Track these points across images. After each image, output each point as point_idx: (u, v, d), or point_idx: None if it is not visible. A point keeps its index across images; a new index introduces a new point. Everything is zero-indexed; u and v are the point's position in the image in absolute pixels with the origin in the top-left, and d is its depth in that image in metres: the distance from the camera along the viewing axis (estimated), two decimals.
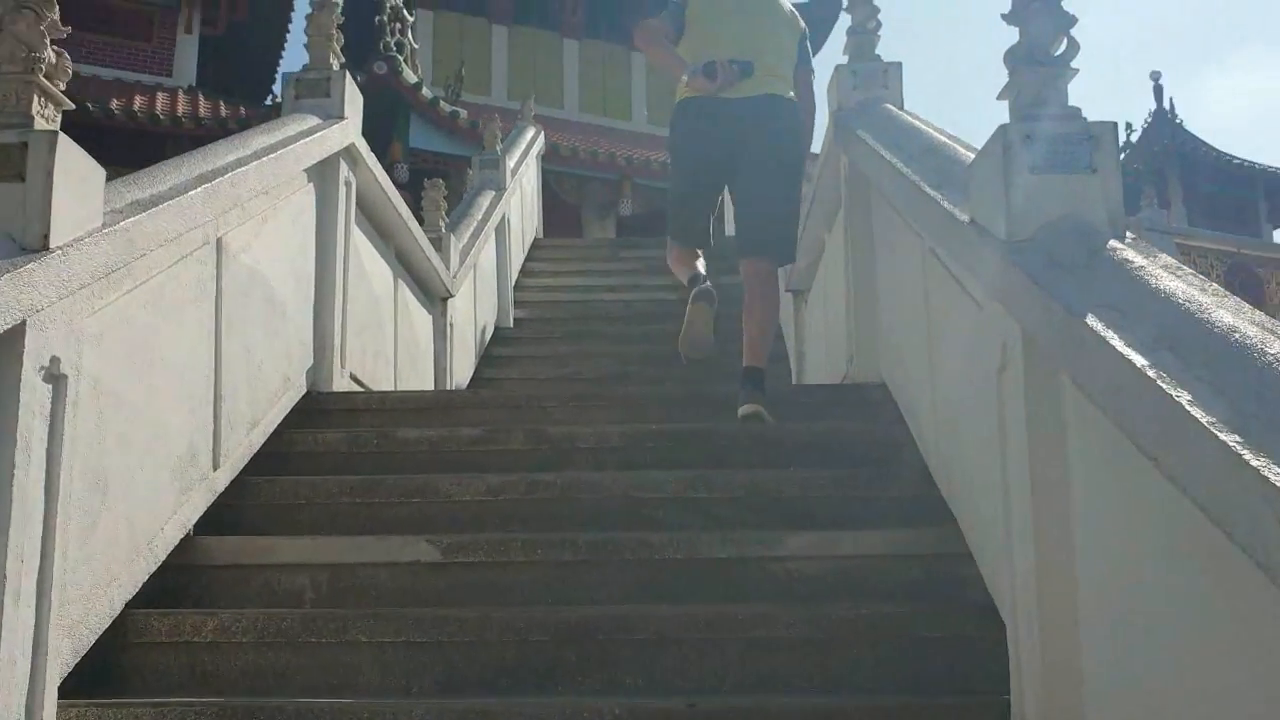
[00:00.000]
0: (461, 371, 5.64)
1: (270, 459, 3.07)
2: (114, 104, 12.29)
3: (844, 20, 4.07)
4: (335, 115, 3.69)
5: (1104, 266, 1.69)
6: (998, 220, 1.97)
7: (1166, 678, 1.42)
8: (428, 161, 13.17)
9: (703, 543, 2.60)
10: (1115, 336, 1.44)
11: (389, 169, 4.61)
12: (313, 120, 3.54)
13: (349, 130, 3.74)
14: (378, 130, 13.37)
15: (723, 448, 3.15)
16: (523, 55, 16.62)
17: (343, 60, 3.87)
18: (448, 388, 5.30)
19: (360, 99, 3.93)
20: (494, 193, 6.82)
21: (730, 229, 4.56)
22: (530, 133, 8.66)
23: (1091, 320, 1.51)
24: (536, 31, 16.77)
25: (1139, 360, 1.35)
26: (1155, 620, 1.45)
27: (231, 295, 2.90)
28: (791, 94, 3.66)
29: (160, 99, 13.03)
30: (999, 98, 2.10)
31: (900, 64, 3.70)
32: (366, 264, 4.18)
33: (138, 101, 12.71)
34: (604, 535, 2.66)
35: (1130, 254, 1.71)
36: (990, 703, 2.03)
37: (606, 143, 15.04)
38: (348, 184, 3.81)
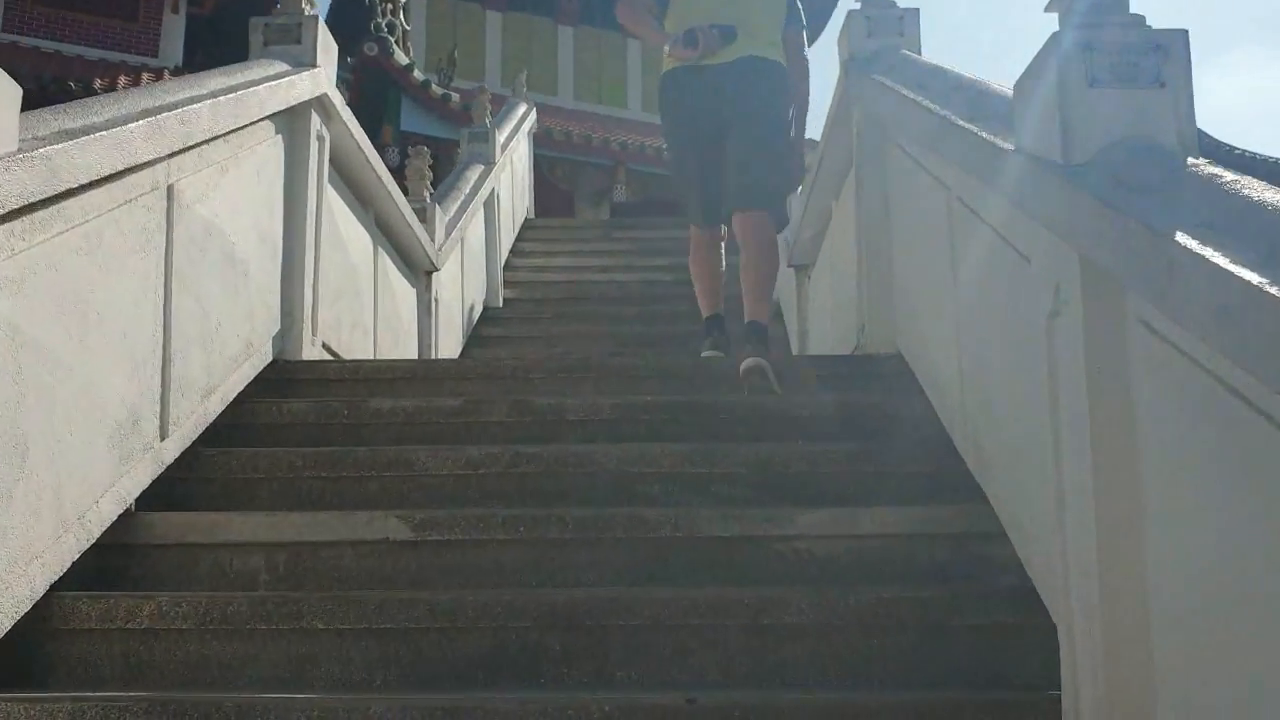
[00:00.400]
0: (448, 350, 5.36)
1: (228, 430, 2.79)
2: (98, 84, 11.97)
3: None
4: (307, 63, 3.41)
5: (1188, 184, 1.43)
6: (1052, 143, 1.70)
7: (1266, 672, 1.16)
8: (419, 145, 12.86)
9: (703, 520, 2.34)
10: (1217, 254, 1.17)
11: (380, 151, 4.34)
12: (281, 66, 3.27)
13: (321, 80, 3.46)
14: (368, 112, 13.11)
15: (723, 421, 2.89)
16: (517, 41, 16.31)
17: (315, 7, 3.59)
18: None
19: (335, 48, 3.65)
20: (483, 167, 6.54)
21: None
22: (522, 109, 8.38)
23: (1184, 239, 1.24)
24: (531, 18, 16.45)
25: (1253, 278, 1.09)
26: (1259, 606, 1.18)
27: (184, 249, 2.63)
28: (778, 58, 3.47)
29: (145, 80, 12.71)
30: (1047, 9, 1.83)
31: (917, 10, 3.44)
32: (343, 228, 3.90)
33: (122, 81, 12.39)
34: (594, 512, 2.39)
35: (1217, 170, 1.45)
36: (1034, 701, 1.76)
37: (601, 129, 14.75)
38: (320, 139, 3.53)
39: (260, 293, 3.14)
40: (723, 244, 3.77)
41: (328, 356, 3.57)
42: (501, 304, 6.50)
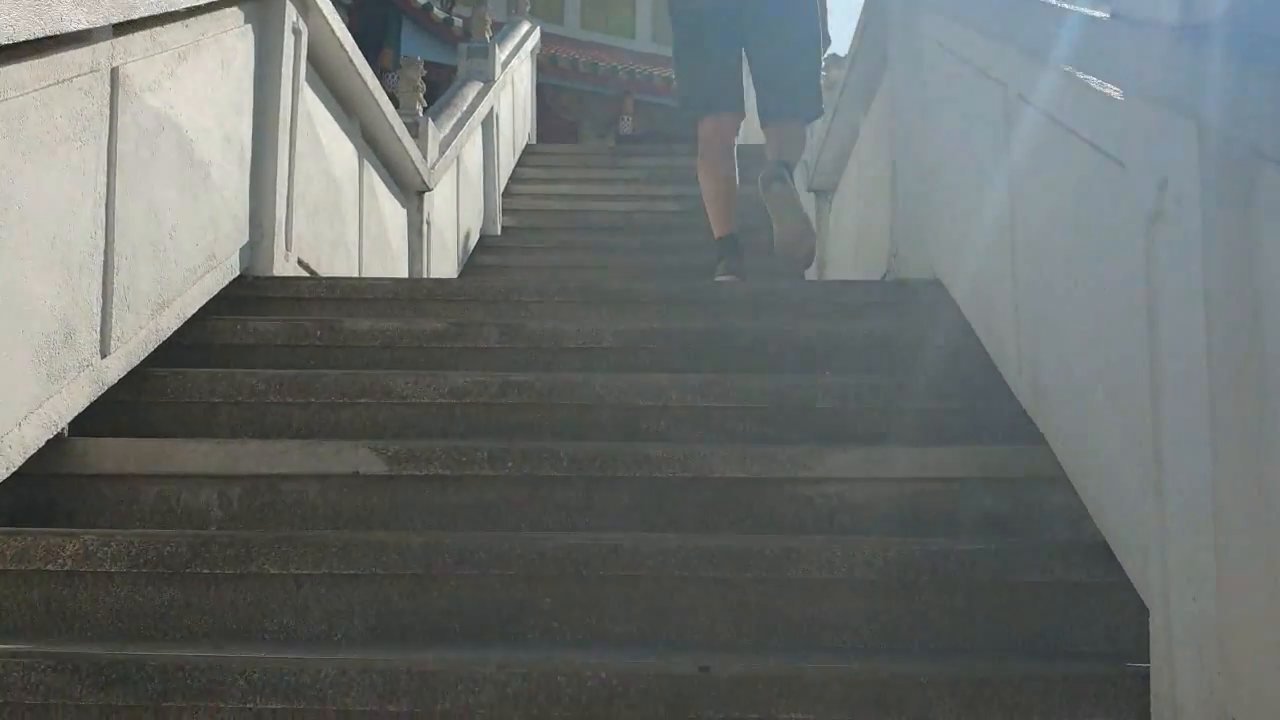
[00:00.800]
0: (441, 276, 5.04)
1: (184, 349, 2.49)
2: None
3: None
4: None
5: None
6: (1162, 1, 1.37)
7: None
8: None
9: (716, 459, 2.05)
10: None
11: (380, 77, 3.99)
12: None
13: None
14: (368, 35, 12.66)
15: (739, 350, 2.58)
16: None
17: None
18: None
19: None
20: (482, 84, 6.17)
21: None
22: (525, 27, 7.95)
23: None
24: None
25: None
26: None
27: (132, 143, 2.30)
28: None
29: None
30: None
31: None
32: (324, 137, 3.57)
33: None
34: (593, 447, 2.10)
35: None
36: (1112, 677, 1.48)
37: (608, 58, 14.26)
38: (296, 33, 3.18)
39: (225, 200, 2.82)
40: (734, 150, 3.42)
41: (304, 274, 3.26)
42: (500, 232, 6.18)
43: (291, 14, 3.14)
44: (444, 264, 5.15)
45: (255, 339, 2.61)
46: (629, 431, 2.28)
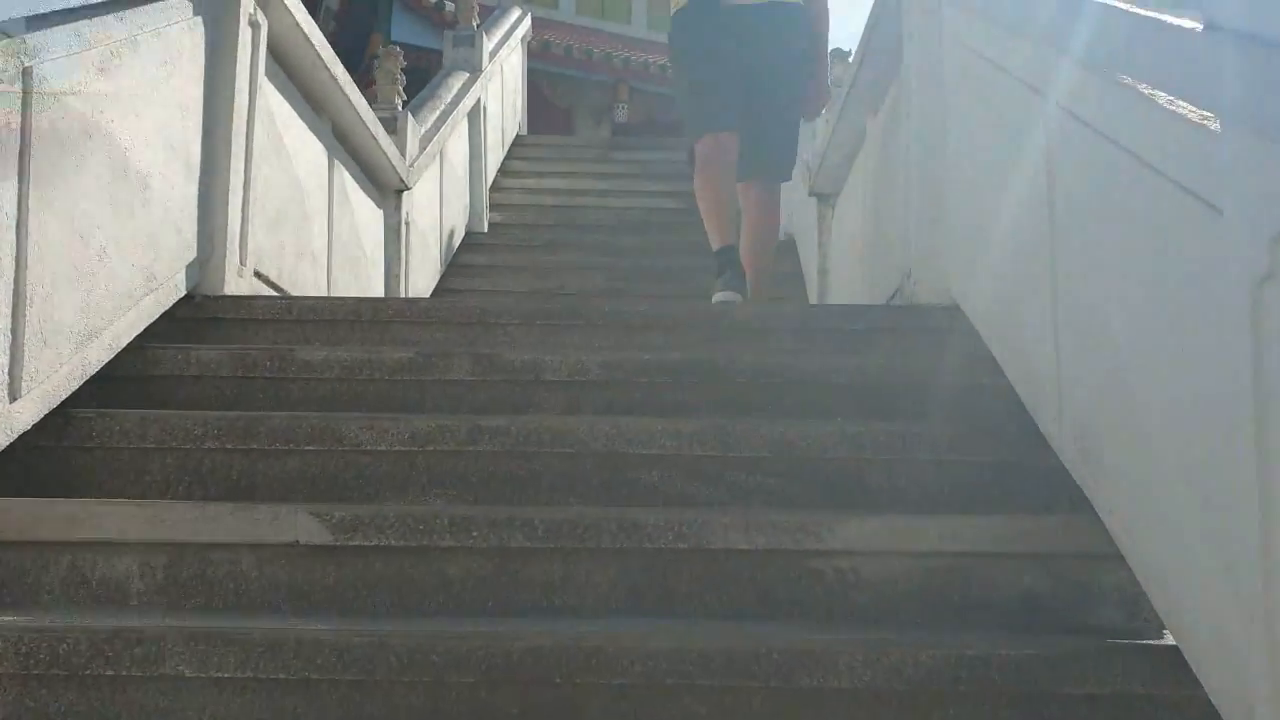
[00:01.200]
0: (421, 280, 4.77)
1: (117, 383, 2.21)
2: None
3: None
4: None
5: None
6: None
7: None
8: (410, 56, 12.04)
9: (715, 528, 1.77)
10: None
11: (369, 63, 3.71)
12: None
13: None
14: (357, 20, 12.32)
15: (742, 388, 2.31)
16: None
17: None
18: (403, 296, 4.43)
19: None
20: (468, 75, 5.86)
21: None
22: (515, 13, 7.63)
23: None
24: None
25: None
26: None
27: (50, 150, 2.01)
28: None
29: None
30: None
31: None
32: (288, 139, 3.27)
33: None
34: (572, 511, 1.83)
35: None
36: None
37: (603, 44, 13.92)
38: (254, 25, 2.89)
39: (169, 213, 2.53)
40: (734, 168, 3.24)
41: (264, 289, 2.97)
42: (486, 229, 5.89)
43: (249, 4, 2.84)
44: (425, 266, 4.87)
45: (198, 370, 2.33)
46: (616, 486, 2.01)
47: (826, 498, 1.97)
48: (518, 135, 7.57)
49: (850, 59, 4.09)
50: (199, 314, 2.59)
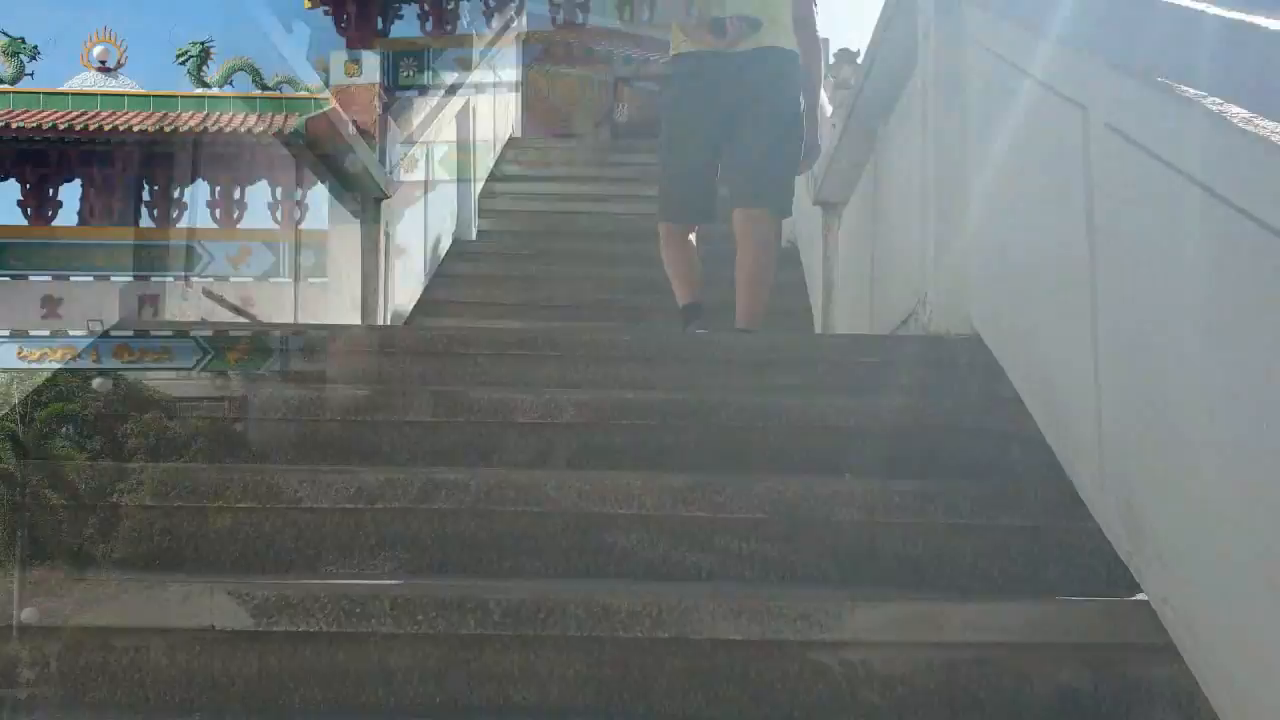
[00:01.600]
0: (403, 292, 4.51)
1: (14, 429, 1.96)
2: None
3: None
4: None
5: None
6: None
7: None
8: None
9: (702, 613, 1.51)
10: None
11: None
12: None
13: None
14: (355, 15, 12.08)
15: (737, 434, 2.05)
16: None
17: None
18: (381, 311, 4.18)
19: None
20: (457, 74, 5.60)
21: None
22: (510, 10, 7.36)
23: None
24: None
25: None
26: None
27: None
28: (793, 45, 3.25)
29: None
30: None
31: None
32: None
33: None
34: (534, 590, 1.57)
35: None
36: None
37: (603, 42, 13.65)
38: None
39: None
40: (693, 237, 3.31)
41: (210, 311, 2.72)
42: (475, 236, 5.64)
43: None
44: (407, 276, 4.62)
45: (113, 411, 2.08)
46: (588, 554, 1.76)
47: (837, 573, 1.70)
48: (511, 136, 7.30)
49: (859, 59, 3.83)
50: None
